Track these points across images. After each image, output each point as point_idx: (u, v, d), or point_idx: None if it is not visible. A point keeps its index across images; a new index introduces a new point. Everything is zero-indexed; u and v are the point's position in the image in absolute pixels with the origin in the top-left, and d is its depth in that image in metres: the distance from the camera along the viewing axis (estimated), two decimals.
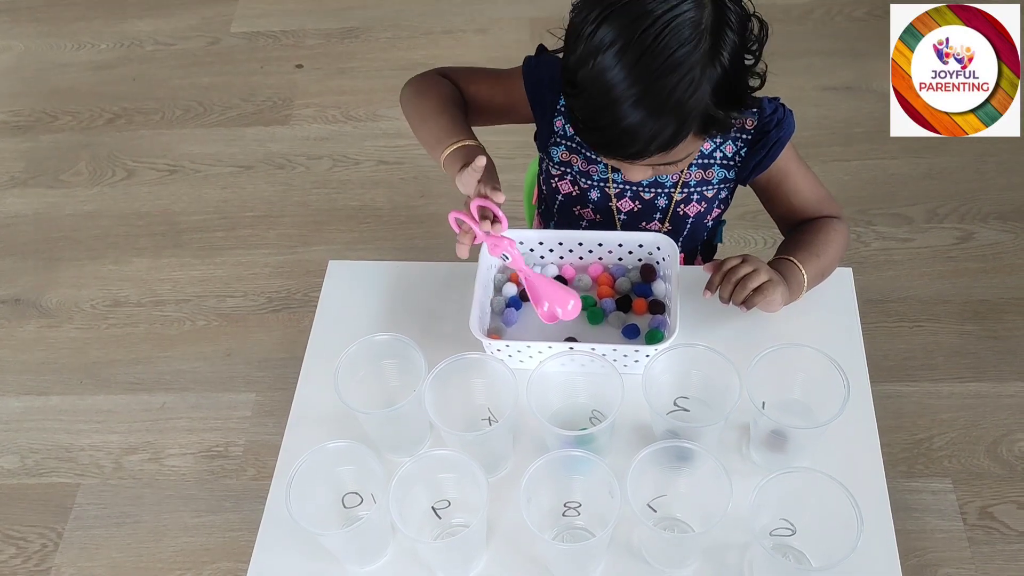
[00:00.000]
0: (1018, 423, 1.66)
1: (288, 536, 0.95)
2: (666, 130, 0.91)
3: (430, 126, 1.11)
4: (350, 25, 2.55)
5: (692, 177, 1.16)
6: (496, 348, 1.04)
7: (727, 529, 0.86)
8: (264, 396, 1.81)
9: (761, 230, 1.96)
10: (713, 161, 1.15)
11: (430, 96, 1.14)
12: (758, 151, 1.13)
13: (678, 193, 1.16)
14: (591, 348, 1.01)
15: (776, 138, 1.12)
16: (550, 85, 1.14)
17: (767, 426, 0.94)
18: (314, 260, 2.02)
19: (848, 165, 2.10)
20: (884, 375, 1.72)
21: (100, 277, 2.04)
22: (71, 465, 1.74)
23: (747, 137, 1.13)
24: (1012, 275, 1.88)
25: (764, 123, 1.12)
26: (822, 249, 1.10)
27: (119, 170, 2.25)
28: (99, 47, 2.57)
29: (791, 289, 1.05)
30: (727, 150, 1.14)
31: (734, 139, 1.14)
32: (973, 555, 1.52)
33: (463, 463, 0.91)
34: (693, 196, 1.17)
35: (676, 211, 1.18)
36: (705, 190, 1.17)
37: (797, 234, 1.15)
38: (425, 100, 1.14)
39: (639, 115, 0.90)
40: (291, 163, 2.23)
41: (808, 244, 1.11)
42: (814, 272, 1.09)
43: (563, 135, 1.17)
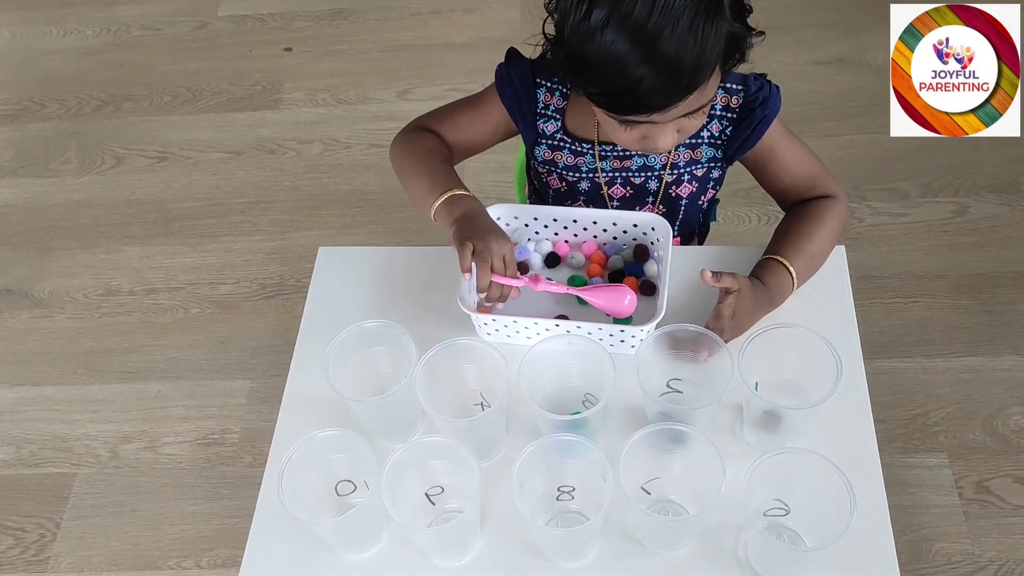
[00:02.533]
0: (1013, 397, 1.66)
1: (282, 524, 0.95)
2: (687, 72, 0.90)
3: (415, 185, 1.13)
4: (339, 7, 2.52)
5: (681, 158, 1.15)
6: (483, 322, 1.04)
7: (721, 510, 0.86)
8: (259, 383, 1.80)
9: (755, 207, 1.95)
10: (701, 140, 1.14)
11: (413, 154, 1.15)
12: (743, 130, 1.12)
13: (668, 175, 1.15)
14: (577, 326, 1.01)
15: (761, 116, 1.10)
16: (525, 92, 1.14)
17: (760, 407, 0.94)
18: (306, 245, 2.01)
19: (842, 140, 2.08)
20: (879, 351, 1.72)
21: (92, 266, 2.03)
22: (67, 455, 1.74)
23: (732, 116, 1.12)
24: (1007, 248, 1.88)
25: (749, 101, 1.10)
26: (815, 242, 1.09)
27: (108, 158, 2.24)
28: (85, 33, 2.54)
29: (773, 298, 1.05)
30: (713, 129, 1.13)
31: (720, 118, 1.12)
32: (969, 529, 1.52)
33: (455, 449, 0.90)
34: (684, 177, 1.16)
35: (668, 193, 1.17)
36: (695, 169, 1.16)
37: (788, 224, 1.12)
38: (408, 158, 1.15)
39: (656, 69, 0.89)
40: (281, 148, 2.22)
41: (799, 239, 1.09)
42: (804, 271, 1.08)
43: (544, 135, 1.17)
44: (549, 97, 1.14)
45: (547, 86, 1.14)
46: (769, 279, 1.05)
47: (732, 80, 1.10)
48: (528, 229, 1.15)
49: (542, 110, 1.15)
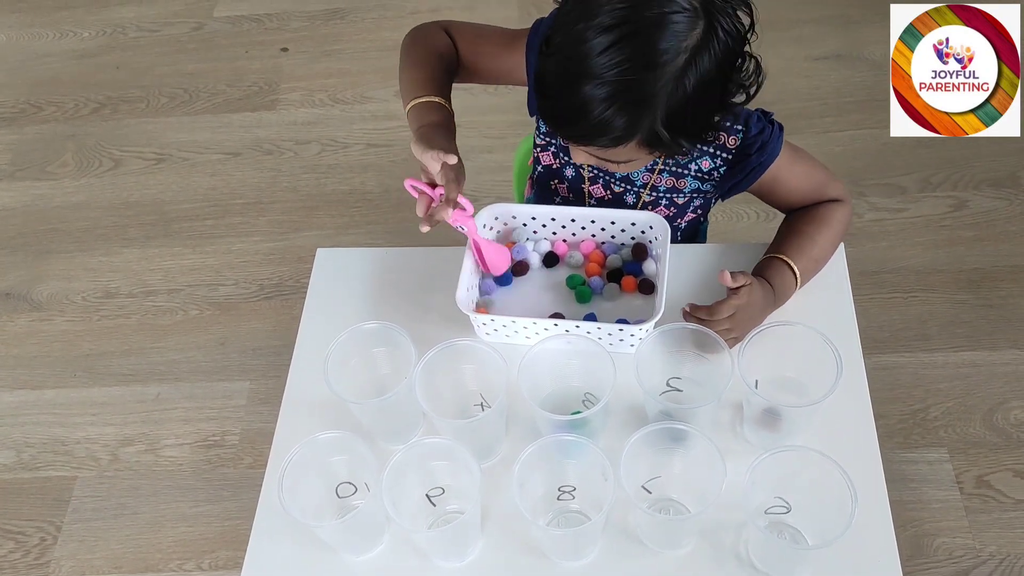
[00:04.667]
0: (1013, 391, 1.66)
1: (284, 526, 0.95)
2: (611, 126, 0.89)
3: (407, 76, 1.12)
4: (335, 6, 2.52)
5: (663, 183, 1.13)
6: (482, 322, 1.04)
7: (722, 509, 0.86)
8: (258, 384, 1.80)
9: (753, 204, 1.92)
10: (687, 172, 1.11)
11: (418, 47, 1.15)
12: (736, 172, 1.09)
13: (647, 195, 1.14)
14: (576, 325, 1.01)
15: (756, 163, 1.07)
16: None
17: (760, 405, 0.94)
18: (305, 246, 2.01)
19: (840, 136, 2.08)
20: (879, 347, 1.72)
21: (90, 269, 2.03)
22: (67, 458, 1.74)
23: (727, 156, 1.09)
24: (1005, 242, 1.88)
25: (747, 144, 1.07)
26: (819, 245, 1.08)
27: (106, 160, 2.23)
28: (82, 35, 2.54)
29: (778, 296, 1.04)
30: (703, 164, 1.10)
31: (712, 155, 1.09)
32: (970, 524, 1.52)
33: (456, 450, 0.90)
34: (662, 200, 1.14)
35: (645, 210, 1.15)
36: (676, 197, 1.14)
37: (791, 225, 1.11)
38: (412, 50, 1.15)
39: (594, 98, 0.87)
40: (279, 148, 2.21)
41: (803, 240, 1.07)
42: (807, 271, 1.07)
43: None
44: None
45: None
46: (774, 278, 1.05)
47: (731, 118, 1.05)
48: (526, 228, 1.15)
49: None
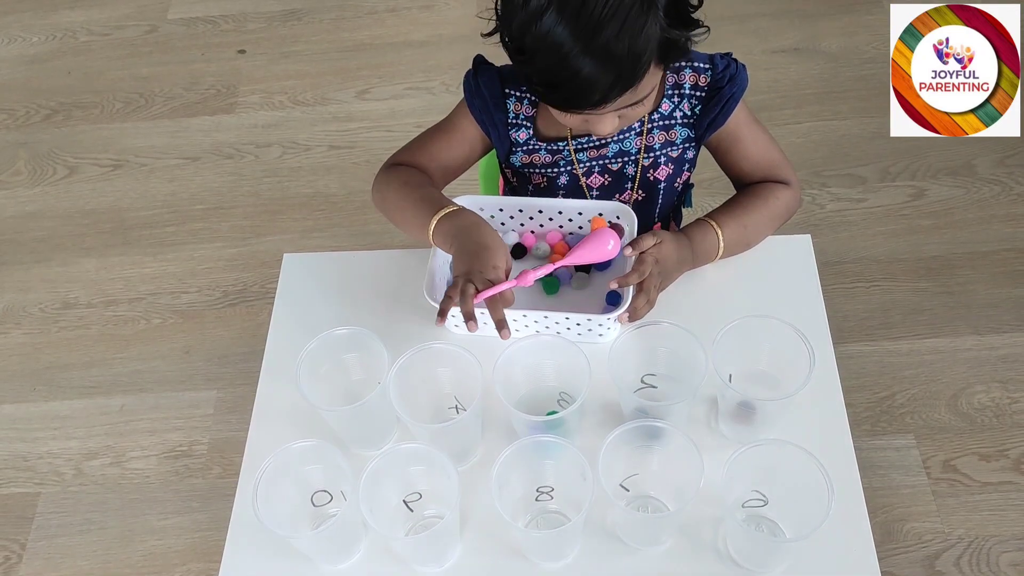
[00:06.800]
0: (975, 376, 1.69)
1: (258, 536, 0.93)
2: (624, 69, 0.90)
3: (404, 217, 1.09)
4: (292, 7, 2.49)
5: (656, 140, 1.15)
6: (451, 314, 1.03)
7: (700, 504, 0.86)
8: (226, 392, 1.77)
9: (718, 197, 1.91)
10: (675, 121, 1.15)
11: (393, 190, 1.11)
12: (712, 108, 1.13)
13: (644, 158, 1.16)
14: (544, 315, 1.02)
15: (729, 94, 1.11)
16: (495, 103, 1.13)
17: (734, 399, 0.95)
18: (269, 251, 1.99)
19: (799, 128, 2.10)
20: (844, 336, 1.74)
21: (47, 280, 1.98)
22: (30, 474, 1.70)
23: (701, 94, 1.13)
24: (963, 230, 1.91)
25: (717, 79, 1.12)
26: (751, 215, 1.12)
27: (60, 167, 2.19)
28: (31, 40, 2.48)
29: (697, 256, 1.09)
30: (685, 108, 1.14)
31: (689, 97, 1.13)
32: (938, 508, 1.55)
33: (432, 455, 0.89)
34: (660, 159, 1.17)
35: (646, 177, 1.18)
36: (670, 151, 1.17)
37: (734, 197, 1.17)
38: (390, 196, 1.12)
39: (593, 62, 0.89)
40: (239, 152, 2.18)
41: (736, 208, 1.13)
42: (734, 238, 1.10)
43: (518, 143, 1.16)
44: (519, 107, 1.14)
45: (516, 96, 1.13)
46: (694, 236, 1.09)
47: (699, 59, 1.11)
48: (494, 220, 1.15)
49: (513, 119, 1.14)
